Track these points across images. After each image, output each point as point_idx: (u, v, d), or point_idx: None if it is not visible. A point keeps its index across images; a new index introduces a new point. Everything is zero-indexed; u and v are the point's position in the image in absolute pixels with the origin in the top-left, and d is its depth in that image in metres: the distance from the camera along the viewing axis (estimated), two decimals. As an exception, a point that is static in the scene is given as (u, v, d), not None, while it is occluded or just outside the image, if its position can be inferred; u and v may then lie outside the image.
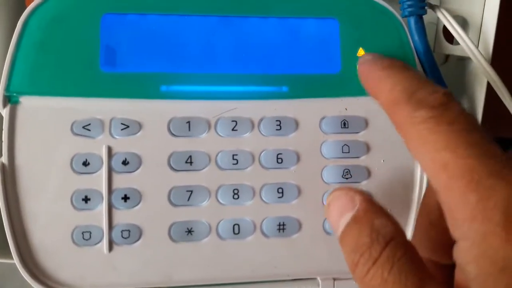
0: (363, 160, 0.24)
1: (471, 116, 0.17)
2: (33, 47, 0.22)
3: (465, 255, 0.16)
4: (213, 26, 0.24)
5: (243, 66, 0.24)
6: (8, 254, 0.23)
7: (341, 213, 0.19)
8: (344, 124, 0.24)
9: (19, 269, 0.22)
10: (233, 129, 0.24)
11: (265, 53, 0.24)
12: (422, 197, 0.24)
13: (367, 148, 0.24)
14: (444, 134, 0.16)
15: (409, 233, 0.25)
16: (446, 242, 0.17)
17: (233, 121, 0.24)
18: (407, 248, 0.17)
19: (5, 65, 0.22)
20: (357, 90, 0.24)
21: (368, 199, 0.19)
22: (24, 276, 0.23)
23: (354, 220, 0.18)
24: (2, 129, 0.22)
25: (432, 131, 0.17)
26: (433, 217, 0.20)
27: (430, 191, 0.21)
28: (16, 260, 0.22)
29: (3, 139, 0.22)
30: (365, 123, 0.24)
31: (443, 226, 0.20)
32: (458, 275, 0.17)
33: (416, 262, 0.17)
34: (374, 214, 0.18)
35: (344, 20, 0.24)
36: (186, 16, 0.24)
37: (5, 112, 0.22)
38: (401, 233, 0.17)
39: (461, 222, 0.16)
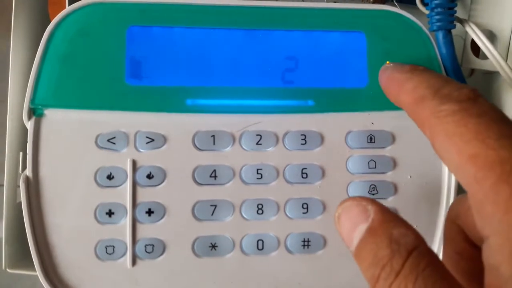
0: (390, 176, 0.24)
1: (501, 110, 0.17)
2: (58, 60, 0.22)
3: (497, 254, 0.14)
4: (239, 39, 0.23)
5: (268, 79, 0.24)
6: (31, 266, 0.23)
7: (354, 225, 0.17)
8: (371, 139, 0.24)
9: (42, 282, 0.22)
10: (257, 143, 0.23)
11: (290, 66, 0.24)
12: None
13: (394, 164, 0.24)
14: (473, 126, 0.15)
15: (435, 249, 0.24)
16: (480, 273, 0.16)
17: (257, 135, 0.23)
18: (431, 257, 0.15)
19: (30, 78, 0.22)
20: (384, 104, 0.24)
21: (382, 208, 0.17)
22: (46, 289, 0.22)
23: (370, 232, 0.16)
24: (27, 142, 0.22)
25: (460, 123, 0.16)
26: (458, 245, 0.19)
27: (448, 220, 0.20)
28: (39, 273, 0.22)
29: (27, 152, 0.22)
30: (392, 138, 0.24)
31: (471, 254, 0.19)
32: (489, 280, 0.15)
33: (443, 272, 0.15)
34: (391, 224, 0.16)
35: (371, 34, 0.24)
36: (212, 29, 0.23)
37: (29, 125, 0.22)
38: (423, 242, 0.16)
39: (491, 217, 0.14)
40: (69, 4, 0.24)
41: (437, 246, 0.24)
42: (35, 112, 0.22)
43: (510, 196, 0.14)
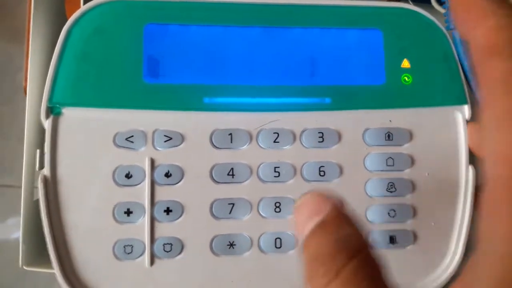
0: (408, 173, 0.24)
1: None
2: (75, 58, 0.22)
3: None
4: (256, 37, 0.23)
5: (285, 77, 0.24)
6: (47, 264, 0.23)
7: (310, 216, 0.17)
8: (388, 136, 0.24)
9: (59, 280, 0.22)
10: (274, 141, 0.23)
11: (308, 64, 0.24)
12: (467, 211, 0.24)
13: (412, 161, 0.24)
14: None
15: (453, 245, 0.24)
16: None
17: (274, 133, 0.23)
18: (373, 264, 0.15)
19: (48, 77, 0.22)
20: (402, 101, 0.24)
21: (339, 206, 0.17)
22: (63, 288, 0.22)
23: (321, 225, 0.16)
24: (43, 140, 0.22)
25: None
26: None
27: None
28: (56, 271, 0.22)
29: (45, 151, 0.22)
30: (410, 135, 0.24)
31: None
32: None
33: (383, 281, 0.15)
34: (342, 222, 0.16)
35: (388, 31, 0.24)
36: (229, 27, 0.23)
37: (47, 124, 0.22)
38: (368, 247, 0.16)
39: (496, 227, 0.14)
40: (84, 2, 0.24)
41: (454, 243, 0.24)
42: (53, 111, 0.22)
43: None
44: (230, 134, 0.23)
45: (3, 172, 0.40)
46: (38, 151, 0.23)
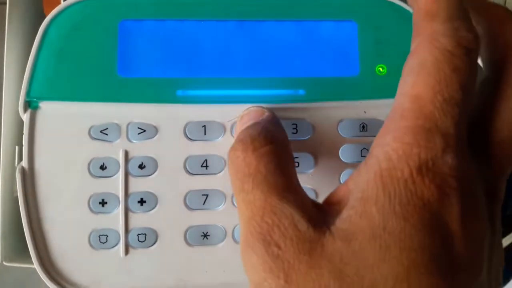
0: (382, 164, 0.24)
1: (474, 74, 0.17)
2: (52, 55, 0.23)
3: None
4: (230, 30, 0.24)
5: (259, 69, 0.24)
6: (27, 259, 0.23)
7: (248, 121, 0.21)
8: (363, 127, 0.24)
9: (39, 272, 0.23)
10: (249, 133, 0.23)
11: (281, 56, 0.24)
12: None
13: (387, 152, 0.24)
14: (441, 76, 0.16)
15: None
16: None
17: (249, 124, 0.23)
18: (287, 154, 0.19)
19: (26, 72, 0.23)
20: (376, 92, 0.24)
21: (275, 115, 0.21)
22: (43, 279, 0.23)
23: (254, 123, 0.20)
24: (21, 136, 0.23)
25: (438, 64, 0.16)
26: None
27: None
28: (35, 263, 0.23)
29: (23, 144, 0.23)
30: (384, 126, 0.24)
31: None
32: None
33: (290, 170, 0.19)
34: (272, 122, 0.21)
35: (363, 23, 0.24)
36: (202, 21, 0.24)
37: (25, 117, 0.23)
38: (286, 141, 0.20)
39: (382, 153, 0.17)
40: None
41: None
42: (30, 105, 0.23)
43: (409, 149, 0.16)
44: (204, 126, 0.23)
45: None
46: (17, 147, 0.23)
